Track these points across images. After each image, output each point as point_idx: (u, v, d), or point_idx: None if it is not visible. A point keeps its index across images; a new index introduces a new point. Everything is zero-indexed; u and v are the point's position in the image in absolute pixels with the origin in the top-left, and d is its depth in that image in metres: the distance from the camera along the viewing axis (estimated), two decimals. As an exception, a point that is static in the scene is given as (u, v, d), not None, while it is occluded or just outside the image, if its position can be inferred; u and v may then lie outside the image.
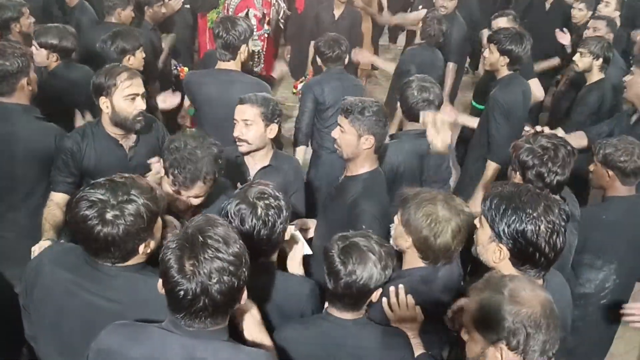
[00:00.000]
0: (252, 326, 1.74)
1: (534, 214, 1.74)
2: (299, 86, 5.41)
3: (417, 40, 5.03)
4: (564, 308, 1.91)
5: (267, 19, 5.29)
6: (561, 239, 1.77)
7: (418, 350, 1.95)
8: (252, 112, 2.74)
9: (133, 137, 2.78)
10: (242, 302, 1.52)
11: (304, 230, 2.66)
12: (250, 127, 2.74)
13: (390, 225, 2.20)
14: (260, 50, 5.29)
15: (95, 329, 1.56)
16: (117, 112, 2.64)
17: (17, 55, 2.74)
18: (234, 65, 3.45)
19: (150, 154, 2.73)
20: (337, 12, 5.63)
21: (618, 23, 4.97)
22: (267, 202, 1.96)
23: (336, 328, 1.88)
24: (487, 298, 1.50)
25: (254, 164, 2.86)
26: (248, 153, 2.83)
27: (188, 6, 5.67)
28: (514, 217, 1.74)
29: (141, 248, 1.71)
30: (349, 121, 2.53)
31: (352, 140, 2.53)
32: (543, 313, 1.45)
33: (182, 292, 1.39)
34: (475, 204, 2.59)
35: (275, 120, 2.80)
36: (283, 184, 2.72)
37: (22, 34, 3.81)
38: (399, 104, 3.19)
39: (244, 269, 1.46)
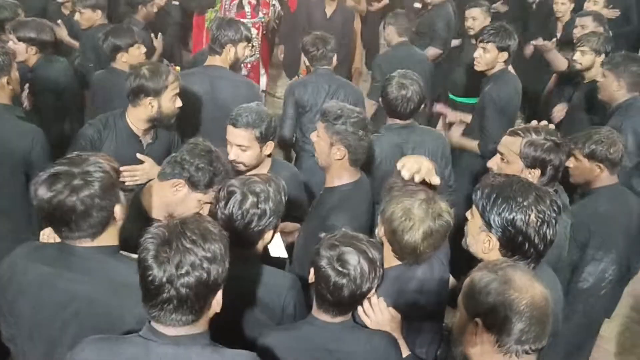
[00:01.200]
0: None
1: (524, 203, 1.74)
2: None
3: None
4: (555, 301, 1.86)
5: (261, 7, 5.22)
6: (551, 230, 1.75)
7: (404, 351, 1.90)
8: (246, 136, 2.58)
9: (152, 134, 2.90)
10: (217, 307, 1.48)
11: (284, 233, 2.57)
12: (245, 152, 2.61)
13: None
14: (256, 38, 5.21)
15: (75, 317, 1.61)
16: (163, 111, 2.77)
17: None
18: (220, 61, 3.39)
19: (164, 152, 2.83)
20: (329, 10, 5.60)
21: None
22: (256, 199, 1.98)
23: (323, 332, 1.82)
24: (481, 275, 1.47)
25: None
26: (245, 172, 2.68)
27: (177, 3, 5.64)
28: (504, 206, 1.74)
29: (105, 220, 1.70)
30: (324, 127, 2.40)
31: (324, 147, 2.40)
32: (530, 303, 1.39)
33: (150, 278, 1.38)
34: None
35: (271, 138, 2.68)
36: None
37: None
38: (380, 99, 3.15)
39: (218, 269, 1.42)
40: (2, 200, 2.74)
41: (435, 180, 2.10)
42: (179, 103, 2.81)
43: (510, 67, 3.76)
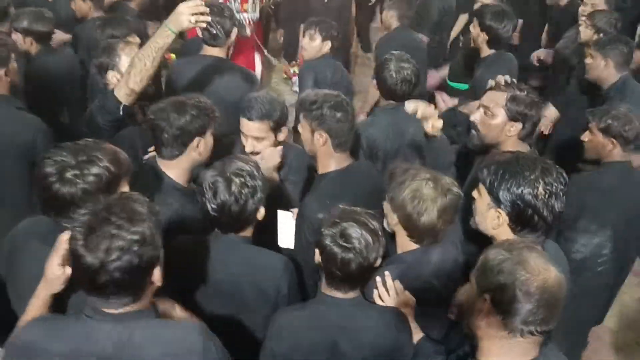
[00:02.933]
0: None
1: (532, 177, 1.76)
2: (291, 70, 5.38)
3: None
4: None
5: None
6: (559, 202, 1.78)
7: (416, 334, 1.91)
8: (262, 128, 2.56)
9: None
10: (157, 282, 1.49)
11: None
12: (262, 141, 2.59)
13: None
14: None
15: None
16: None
17: None
18: (218, 51, 3.31)
19: None
20: (327, -6, 5.54)
21: None
22: (242, 179, 1.97)
23: (335, 309, 1.84)
24: (495, 252, 1.48)
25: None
26: None
27: None
28: (511, 181, 1.77)
29: None
30: (303, 115, 2.42)
31: (307, 135, 2.41)
32: (542, 286, 1.40)
33: (84, 266, 1.38)
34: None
35: (285, 124, 2.67)
36: (285, 171, 2.68)
37: None
38: (374, 82, 3.13)
39: (150, 250, 1.42)
40: (7, 189, 2.75)
41: (438, 123, 2.33)
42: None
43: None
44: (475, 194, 1.90)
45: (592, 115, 2.86)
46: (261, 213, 2.05)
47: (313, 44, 3.87)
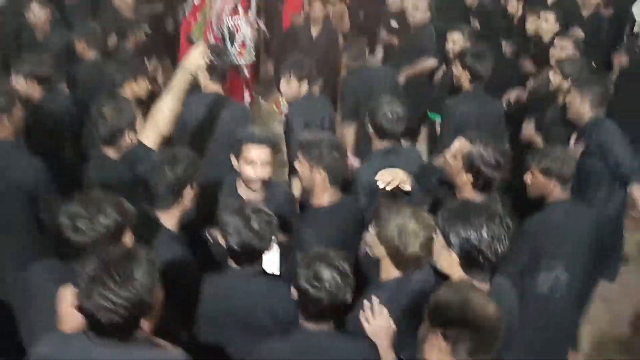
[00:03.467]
0: None
1: (477, 222, 2.01)
2: (282, 104, 5.56)
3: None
4: (509, 308, 2.12)
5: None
6: (502, 245, 2.01)
7: (389, 357, 2.11)
8: (268, 152, 2.84)
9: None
10: (147, 329, 1.75)
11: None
12: (267, 167, 2.84)
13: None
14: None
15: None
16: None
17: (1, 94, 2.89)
18: (217, 88, 3.61)
19: None
20: (315, 32, 5.80)
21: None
22: (258, 214, 2.26)
23: (310, 340, 2.04)
24: (445, 292, 1.72)
25: (250, 193, 2.91)
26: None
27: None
28: (459, 226, 2.02)
29: None
30: (302, 154, 2.72)
31: (306, 172, 2.72)
32: (483, 321, 1.63)
33: (82, 308, 1.61)
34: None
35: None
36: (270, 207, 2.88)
37: None
38: (368, 122, 3.28)
39: (137, 310, 1.63)
40: (15, 230, 2.95)
41: (407, 187, 2.61)
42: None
43: None
44: (433, 234, 2.15)
45: (532, 157, 3.02)
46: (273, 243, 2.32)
47: (291, 87, 3.99)
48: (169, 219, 2.45)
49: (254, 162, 2.80)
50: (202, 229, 2.79)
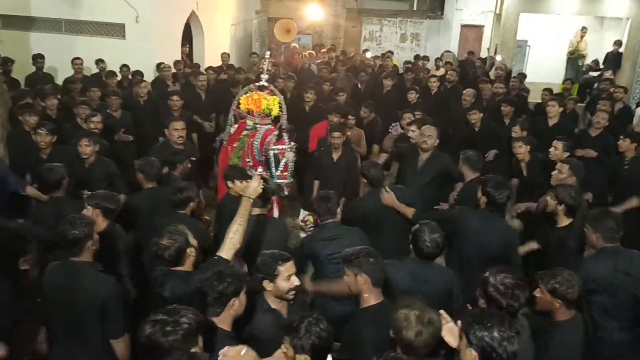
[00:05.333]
0: None
1: (489, 325, 2.54)
2: (306, 220, 6.23)
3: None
4: None
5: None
6: (512, 345, 2.51)
7: None
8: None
9: None
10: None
11: None
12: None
13: None
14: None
15: None
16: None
17: (83, 225, 3.60)
18: (262, 211, 4.53)
19: None
20: (335, 156, 6.55)
21: None
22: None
23: None
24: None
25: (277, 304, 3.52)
26: None
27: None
28: (476, 328, 2.55)
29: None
30: (346, 265, 3.35)
31: (352, 279, 3.32)
32: None
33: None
34: None
35: None
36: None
37: None
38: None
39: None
40: (88, 337, 3.54)
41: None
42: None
43: None
44: (459, 339, 2.68)
45: (541, 278, 3.40)
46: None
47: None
48: (221, 321, 3.07)
49: (289, 276, 3.41)
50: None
